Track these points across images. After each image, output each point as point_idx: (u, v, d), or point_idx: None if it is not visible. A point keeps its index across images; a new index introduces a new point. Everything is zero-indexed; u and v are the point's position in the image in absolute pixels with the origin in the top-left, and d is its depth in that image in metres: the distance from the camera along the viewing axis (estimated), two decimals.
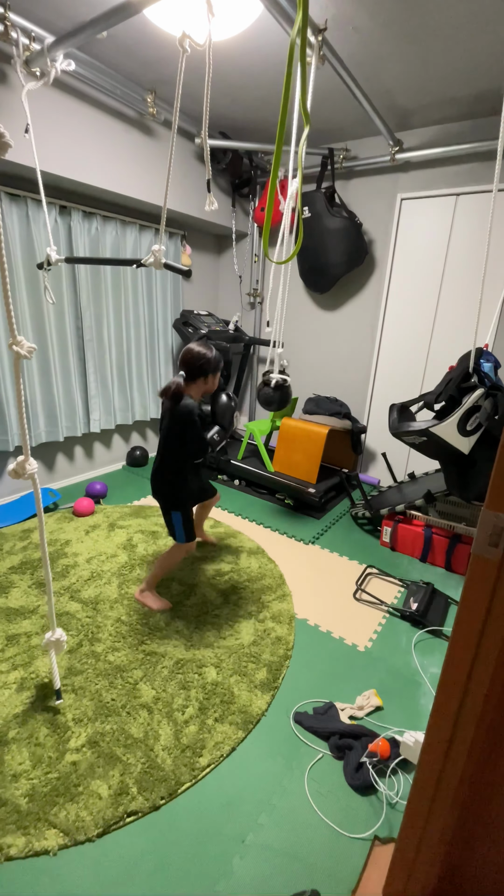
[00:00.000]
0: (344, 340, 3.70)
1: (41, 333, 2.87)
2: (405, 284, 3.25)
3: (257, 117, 3.04)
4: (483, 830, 0.90)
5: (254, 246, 3.99)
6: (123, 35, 2.17)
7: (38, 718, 1.49)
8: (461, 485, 2.31)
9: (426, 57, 2.21)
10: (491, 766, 0.84)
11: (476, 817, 0.90)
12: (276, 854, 1.18)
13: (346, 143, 3.28)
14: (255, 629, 1.95)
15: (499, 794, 0.85)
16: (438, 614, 2.12)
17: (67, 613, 1.98)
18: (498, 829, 0.89)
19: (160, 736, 1.46)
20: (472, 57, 2.18)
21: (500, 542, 0.70)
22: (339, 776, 1.39)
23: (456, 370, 2.20)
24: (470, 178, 2.87)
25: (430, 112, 2.77)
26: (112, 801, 1.27)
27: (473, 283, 2.96)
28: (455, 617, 0.78)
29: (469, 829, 0.91)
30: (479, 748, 0.83)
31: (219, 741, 1.46)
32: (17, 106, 2.14)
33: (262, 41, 2.16)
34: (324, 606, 2.17)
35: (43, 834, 1.19)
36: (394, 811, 1.30)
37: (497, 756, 0.82)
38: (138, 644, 1.83)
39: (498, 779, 0.84)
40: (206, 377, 1.88)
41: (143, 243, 3.36)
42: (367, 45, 2.15)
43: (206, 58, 1.48)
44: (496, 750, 0.82)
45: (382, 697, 1.66)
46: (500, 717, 0.79)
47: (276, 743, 1.48)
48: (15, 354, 1.14)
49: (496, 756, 0.83)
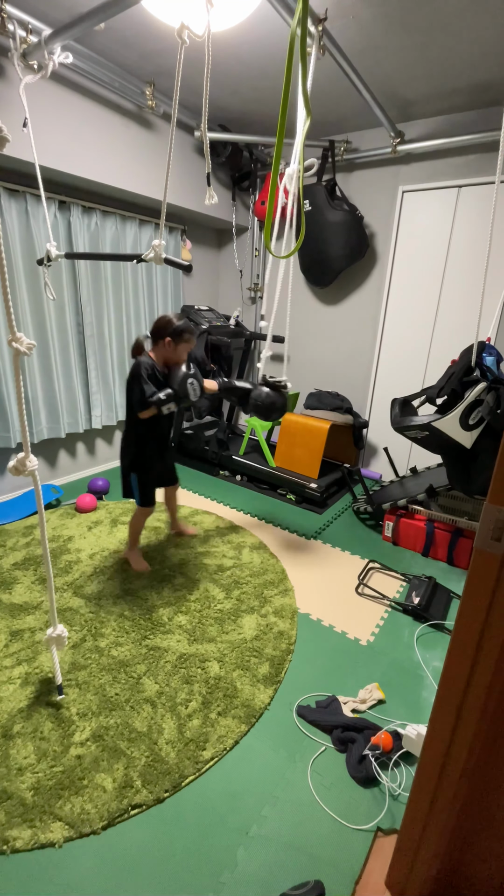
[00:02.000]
0: (345, 335, 3.68)
1: (42, 330, 2.87)
2: (407, 278, 3.23)
3: (257, 109, 3.01)
4: (485, 822, 0.91)
5: (254, 240, 3.97)
6: (121, 26, 2.14)
7: (42, 713, 1.50)
8: (463, 479, 2.30)
9: (427, 46, 2.18)
10: (493, 759, 0.84)
11: (478, 809, 0.90)
12: (280, 845, 1.19)
13: (347, 135, 3.25)
14: (257, 624, 1.96)
15: (501, 787, 0.86)
16: (440, 608, 2.12)
17: (70, 609, 1.99)
18: (500, 821, 0.89)
19: (164, 730, 1.47)
20: (474, 46, 2.15)
21: (502, 536, 0.70)
22: (342, 769, 1.40)
23: (458, 364, 2.19)
24: (472, 170, 2.84)
25: (431, 103, 2.74)
26: (116, 794, 1.28)
27: (476, 276, 2.93)
28: (457, 611, 0.78)
29: (471, 821, 0.92)
30: (481, 741, 0.83)
31: (222, 735, 1.47)
32: (15, 100, 2.12)
33: (262, 32, 2.13)
34: (326, 601, 2.17)
35: (48, 827, 1.20)
36: (396, 803, 1.31)
37: (499, 749, 0.83)
38: (141, 639, 1.84)
39: (500, 771, 0.85)
40: (165, 340, 1.91)
41: (143, 238, 3.34)
42: (368, 34, 2.12)
43: (206, 49, 1.46)
44: (498, 743, 0.82)
45: (385, 691, 1.67)
46: (503, 710, 0.80)
47: (279, 736, 1.49)
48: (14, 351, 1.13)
49: (498, 749, 0.83)
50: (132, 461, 2.09)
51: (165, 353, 1.95)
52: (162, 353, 1.96)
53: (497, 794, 0.87)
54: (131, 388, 1.91)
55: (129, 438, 2.07)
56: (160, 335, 1.93)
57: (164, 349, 1.94)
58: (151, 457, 2.11)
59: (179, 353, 1.97)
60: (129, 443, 2.08)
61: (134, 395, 1.90)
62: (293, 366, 4.07)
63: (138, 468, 2.08)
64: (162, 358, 1.97)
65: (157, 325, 1.94)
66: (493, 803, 0.88)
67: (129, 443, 2.07)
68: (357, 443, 3.47)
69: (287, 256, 1.58)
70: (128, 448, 2.09)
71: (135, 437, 2.04)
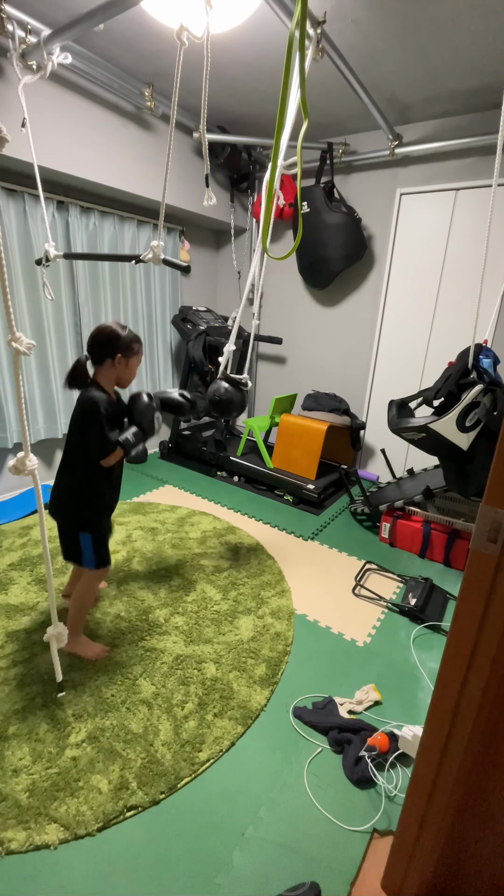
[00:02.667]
0: (343, 336, 3.69)
1: (39, 330, 2.86)
2: (404, 280, 3.24)
3: (256, 111, 3.01)
4: (480, 823, 0.91)
5: (252, 241, 3.97)
6: (121, 27, 2.15)
7: (38, 714, 1.50)
8: (460, 480, 2.31)
9: (426, 50, 2.19)
10: (489, 761, 0.84)
11: (473, 811, 0.90)
12: (276, 847, 1.19)
13: (345, 137, 3.26)
14: (254, 625, 1.96)
15: (496, 788, 0.86)
16: (437, 609, 2.13)
17: (66, 610, 1.98)
18: (495, 823, 0.89)
19: (160, 731, 1.46)
20: (473, 50, 2.16)
21: (498, 537, 0.70)
22: (338, 770, 1.40)
23: (455, 366, 2.20)
24: (470, 173, 2.86)
25: (429, 106, 2.76)
26: (112, 795, 1.28)
27: (473, 279, 2.95)
28: (454, 612, 0.78)
29: (466, 822, 0.92)
30: (476, 742, 0.83)
31: (218, 736, 1.46)
32: (14, 100, 2.12)
33: (261, 34, 2.14)
34: (323, 602, 2.17)
35: (43, 828, 1.20)
36: (392, 804, 1.31)
37: (495, 750, 0.83)
38: (138, 640, 1.83)
39: (496, 773, 0.85)
40: (116, 358, 1.53)
41: (141, 239, 3.34)
42: (366, 37, 2.13)
43: (205, 51, 1.47)
44: (494, 744, 0.83)
45: (381, 692, 1.67)
46: (499, 711, 0.80)
47: (275, 737, 1.49)
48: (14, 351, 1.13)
49: (494, 750, 0.83)
50: (83, 518, 1.62)
51: (116, 372, 1.56)
52: (111, 373, 1.56)
53: (493, 796, 0.87)
54: (85, 431, 1.49)
55: (79, 492, 1.59)
56: (108, 352, 1.52)
57: (115, 368, 1.55)
58: (107, 507, 1.68)
59: (132, 370, 1.60)
60: (78, 496, 1.59)
61: (91, 442, 1.48)
62: (291, 367, 4.07)
63: (93, 526, 1.63)
64: (112, 379, 1.57)
65: (102, 340, 1.52)
66: (489, 805, 0.88)
67: (80, 496, 1.59)
68: (354, 444, 3.48)
69: (284, 258, 1.58)
70: (77, 503, 1.60)
71: (89, 489, 1.59)
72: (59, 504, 1.62)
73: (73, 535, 1.62)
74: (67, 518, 1.63)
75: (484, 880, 0.96)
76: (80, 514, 1.61)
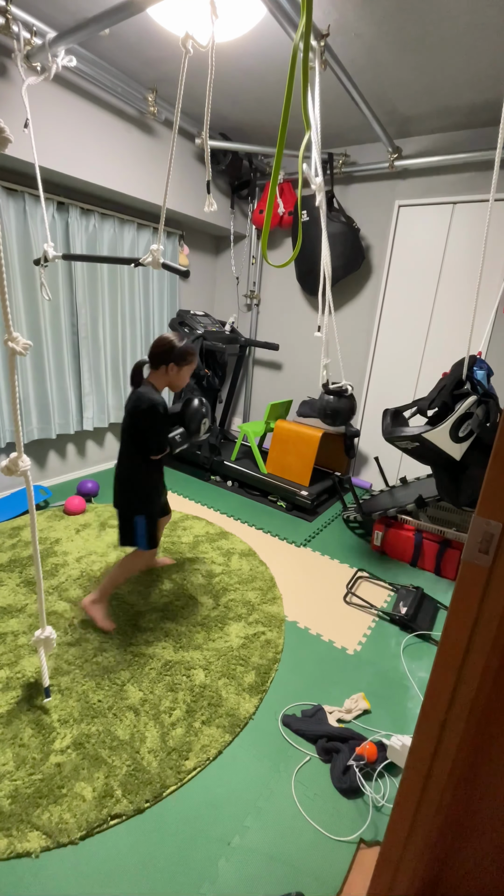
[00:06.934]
0: (339, 344, 3.70)
1: (36, 330, 2.85)
2: (401, 291, 3.27)
3: (258, 120, 3.04)
4: (468, 835, 0.91)
5: (252, 248, 4.00)
6: (126, 33, 2.16)
7: (22, 719, 1.48)
8: (452, 490, 2.32)
9: (427, 66, 2.23)
10: (477, 772, 0.84)
11: (461, 822, 0.90)
12: (262, 856, 1.18)
13: (346, 148, 3.30)
14: (244, 632, 1.95)
15: (484, 799, 0.86)
16: (427, 619, 2.13)
17: (55, 613, 1.96)
18: (482, 834, 0.89)
19: (146, 738, 1.45)
20: (473, 67, 2.21)
21: (490, 548, 0.71)
22: (326, 779, 1.39)
23: (449, 377, 2.22)
24: (467, 187, 2.91)
25: (429, 120, 2.80)
26: (96, 803, 1.26)
27: (468, 292, 2.98)
28: (444, 622, 0.79)
29: (454, 834, 0.92)
30: (465, 753, 0.83)
31: (206, 744, 1.45)
32: (17, 101, 2.12)
33: (265, 44, 2.16)
34: (314, 609, 2.17)
35: (25, 836, 1.17)
36: (380, 814, 1.30)
37: (483, 761, 0.83)
38: (126, 645, 1.81)
39: (484, 784, 0.85)
40: (169, 366, 1.72)
41: (140, 242, 3.35)
42: (369, 52, 2.16)
43: (209, 59, 1.48)
44: (482, 755, 0.83)
45: (370, 701, 1.67)
46: (487, 722, 0.80)
47: (263, 746, 1.48)
48: (10, 351, 1.13)
49: (482, 761, 0.83)
50: (141, 504, 1.82)
51: (168, 378, 1.76)
52: (164, 379, 1.76)
53: (481, 807, 0.87)
54: (145, 427, 1.69)
55: (135, 479, 1.80)
56: (163, 360, 1.72)
57: (167, 375, 1.74)
58: (157, 492, 1.91)
59: (183, 377, 1.79)
60: (135, 484, 1.81)
61: (150, 438, 1.70)
62: (287, 373, 4.09)
63: (147, 510, 1.83)
64: (164, 383, 1.78)
65: (159, 350, 1.72)
66: (477, 816, 0.88)
67: (136, 484, 1.81)
68: (348, 452, 3.49)
69: (283, 265, 1.59)
70: (134, 490, 1.81)
71: (142, 476, 1.80)
72: (117, 494, 1.83)
73: (131, 518, 1.82)
74: (125, 505, 1.83)
75: (471, 891, 0.95)
76: (138, 501, 1.82)
